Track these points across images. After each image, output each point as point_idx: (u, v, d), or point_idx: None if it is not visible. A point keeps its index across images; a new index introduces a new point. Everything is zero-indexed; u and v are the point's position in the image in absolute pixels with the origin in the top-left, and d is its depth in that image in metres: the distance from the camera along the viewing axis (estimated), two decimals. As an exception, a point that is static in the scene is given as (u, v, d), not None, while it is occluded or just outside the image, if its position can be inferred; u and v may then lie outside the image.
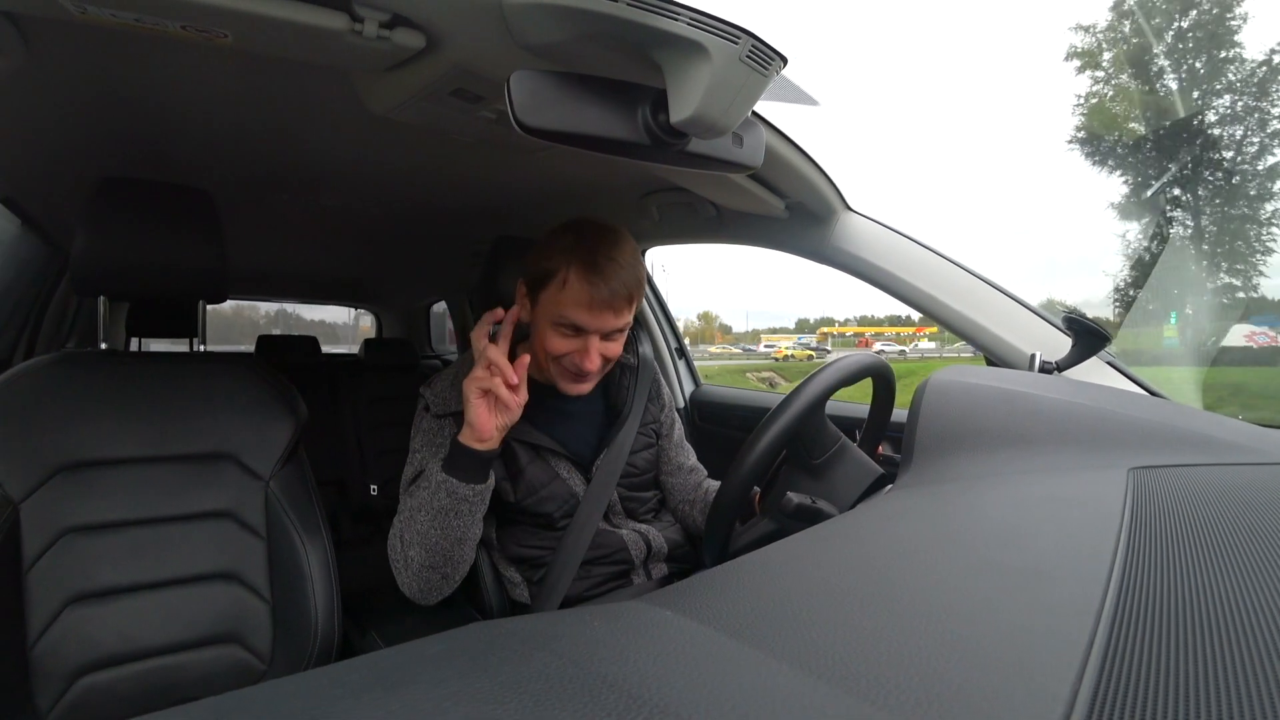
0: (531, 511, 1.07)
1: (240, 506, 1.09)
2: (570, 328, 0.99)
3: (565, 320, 0.98)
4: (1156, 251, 12.16)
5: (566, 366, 1.02)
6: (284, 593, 1.10)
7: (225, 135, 1.29)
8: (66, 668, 0.94)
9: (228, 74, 1.02)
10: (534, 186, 1.64)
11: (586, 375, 1.02)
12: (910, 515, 0.64)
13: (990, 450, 0.77)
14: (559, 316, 0.98)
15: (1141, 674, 0.30)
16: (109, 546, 0.99)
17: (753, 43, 0.62)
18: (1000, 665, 0.31)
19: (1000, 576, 0.43)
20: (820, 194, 1.23)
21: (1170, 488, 0.61)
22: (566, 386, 1.04)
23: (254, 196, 1.73)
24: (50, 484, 0.96)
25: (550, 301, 0.99)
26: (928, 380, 0.88)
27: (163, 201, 1.04)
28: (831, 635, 0.36)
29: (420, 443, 1.06)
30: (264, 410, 1.14)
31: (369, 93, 0.96)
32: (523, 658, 0.37)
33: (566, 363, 1.01)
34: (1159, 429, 0.76)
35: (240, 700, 0.33)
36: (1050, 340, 1.14)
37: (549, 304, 0.99)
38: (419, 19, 0.72)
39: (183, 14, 0.67)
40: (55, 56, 0.92)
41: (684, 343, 2.20)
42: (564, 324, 0.98)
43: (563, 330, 0.99)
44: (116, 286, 1.02)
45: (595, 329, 0.98)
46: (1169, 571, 0.41)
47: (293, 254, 2.63)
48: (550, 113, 0.63)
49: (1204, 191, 11.83)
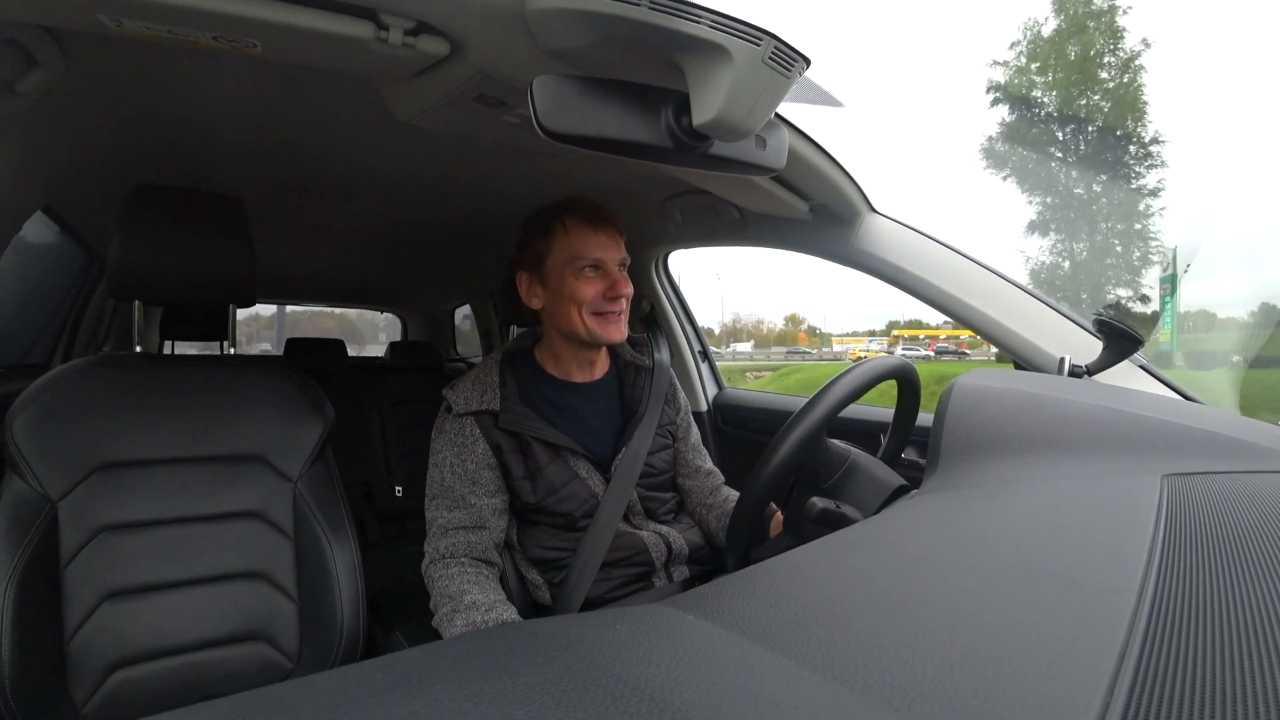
0: (551, 511, 1.07)
1: (269, 507, 1.11)
2: (590, 265, 1.05)
3: (582, 258, 1.05)
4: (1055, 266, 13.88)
5: (601, 309, 1.06)
6: (311, 592, 1.11)
7: (255, 143, 1.32)
8: (101, 662, 0.96)
9: (257, 83, 1.05)
10: (557, 190, 1.64)
11: (620, 306, 1.07)
12: (935, 521, 0.63)
13: (1018, 456, 0.76)
14: (575, 259, 1.05)
15: (1175, 688, 0.29)
16: (143, 544, 1.02)
17: (775, 44, 0.62)
18: (1028, 676, 0.30)
19: (1028, 585, 0.42)
20: (844, 196, 1.22)
21: (1206, 495, 0.59)
22: (609, 331, 1.08)
23: (282, 202, 1.76)
24: (87, 483, 0.99)
25: (561, 256, 1.06)
26: (953, 384, 0.86)
27: (195, 208, 1.07)
28: (855, 641, 0.36)
29: (443, 444, 1.08)
30: (292, 412, 1.16)
31: (394, 100, 0.98)
32: (545, 660, 0.37)
33: (600, 305, 1.06)
34: (1194, 435, 0.74)
35: (268, 697, 0.34)
36: (1080, 343, 1.11)
37: (560, 260, 1.06)
38: (443, 26, 0.73)
39: (214, 25, 0.69)
40: (93, 69, 0.94)
41: (706, 345, 2.20)
42: (583, 262, 1.05)
43: (584, 273, 1.05)
44: (151, 291, 1.05)
45: (610, 258, 1.06)
46: (1204, 582, 0.40)
47: (320, 258, 2.67)
48: (573, 117, 0.63)
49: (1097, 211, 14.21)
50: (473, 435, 1.06)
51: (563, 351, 1.13)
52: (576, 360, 1.14)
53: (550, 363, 1.15)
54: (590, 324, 1.07)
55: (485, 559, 1.04)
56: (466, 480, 1.05)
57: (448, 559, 1.03)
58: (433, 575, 1.03)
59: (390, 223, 2.09)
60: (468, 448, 1.05)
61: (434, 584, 1.02)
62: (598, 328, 1.07)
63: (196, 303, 1.11)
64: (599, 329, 1.07)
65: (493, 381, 1.10)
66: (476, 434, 1.06)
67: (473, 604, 0.96)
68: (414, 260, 2.70)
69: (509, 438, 1.06)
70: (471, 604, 0.96)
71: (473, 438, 1.06)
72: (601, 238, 1.06)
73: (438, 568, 1.03)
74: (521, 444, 1.07)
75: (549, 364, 1.15)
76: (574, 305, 1.05)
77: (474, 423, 1.06)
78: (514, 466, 1.06)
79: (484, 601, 0.97)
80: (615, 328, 1.08)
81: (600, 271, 1.06)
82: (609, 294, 1.05)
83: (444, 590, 0.99)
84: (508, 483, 1.07)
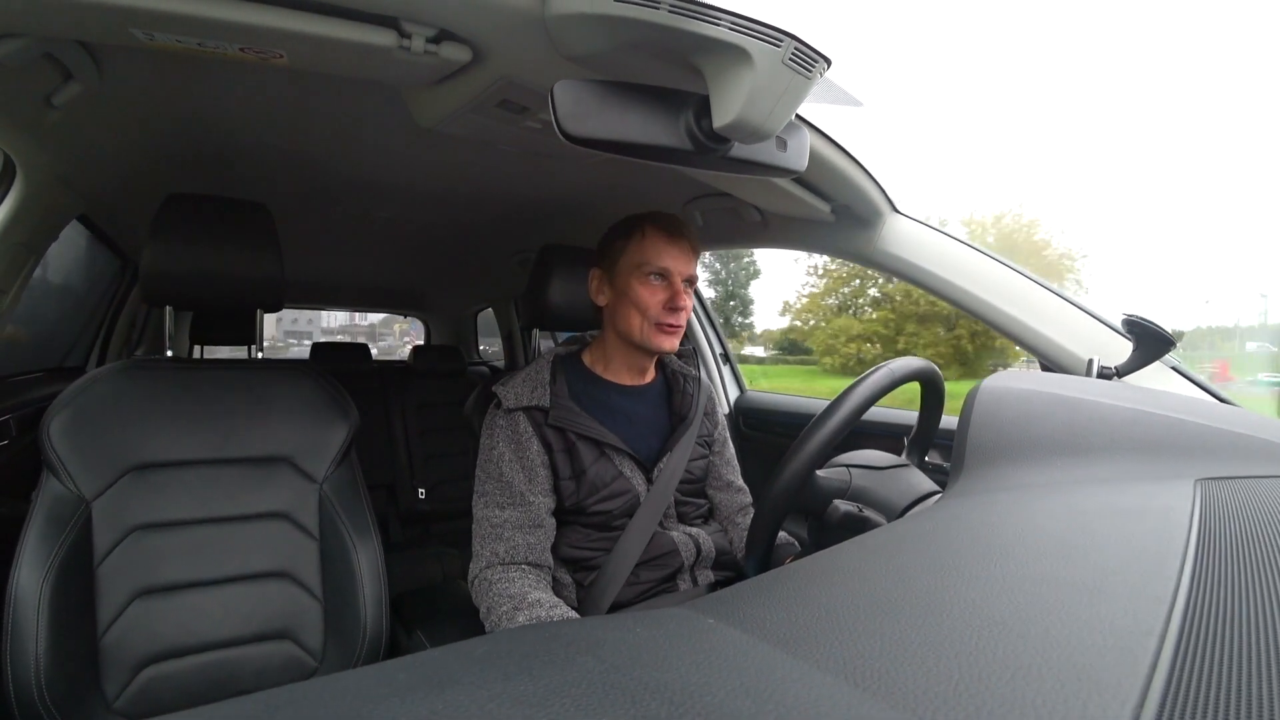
0: (590, 511, 1.08)
1: (295, 508, 1.13)
2: (657, 274, 1.08)
3: (651, 266, 1.07)
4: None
5: (660, 318, 1.08)
6: (335, 592, 1.13)
7: (282, 151, 1.35)
8: (133, 658, 0.98)
9: (284, 93, 1.07)
10: (579, 194, 1.65)
11: (679, 319, 1.09)
12: (961, 525, 0.62)
13: (1046, 459, 0.74)
14: (643, 265, 1.07)
15: (1209, 698, 0.28)
16: (173, 543, 1.04)
17: (795, 45, 0.62)
18: (1056, 686, 0.30)
19: (1057, 591, 0.41)
20: (866, 196, 1.21)
21: (1241, 500, 0.58)
22: (662, 342, 1.09)
23: (309, 209, 1.79)
24: (120, 484, 1.02)
25: (633, 259, 1.09)
26: (979, 386, 0.85)
27: (224, 215, 1.09)
28: (877, 647, 0.35)
29: (498, 438, 1.07)
30: (318, 415, 1.18)
31: (417, 106, 0.99)
32: (567, 661, 0.37)
33: (660, 313, 1.08)
34: (1229, 438, 0.72)
35: (292, 694, 0.34)
36: (1109, 344, 1.09)
37: (631, 263, 1.09)
38: (465, 33, 0.74)
39: (241, 36, 0.71)
40: (125, 81, 0.97)
41: (728, 348, 2.19)
42: (650, 270, 1.07)
43: (650, 281, 1.08)
44: (181, 296, 1.08)
45: (677, 271, 1.08)
46: (1240, 589, 0.39)
47: (345, 263, 2.71)
48: (594, 121, 0.64)
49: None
50: (527, 431, 1.06)
51: (615, 354, 1.15)
52: (628, 365, 1.16)
53: (600, 365, 1.16)
54: (647, 332, 1.09)
55: (543, 563, 1.04)
56: (525, 475, 1.04)
57: (508, 564, 1.01)
58: (490, 579, 1.00)
59: (414, 227, 2.11)
60: (524, 444, 1.05)
61: (491, 587, 0.99)
62: (653, 336, 1.09)
63: (225, 308, 1.13)
64: (653, 338, 1.09)
65: (544, 379, 1.10)
66: (530, 431, 1.06)
67: (536, 602, 0.95)
68: (437, 264, 2.73)
69: (558, 436, 1.07)
70: (536, 601, 0.95)
71: (527, 434, 1.06)
72: (675, 250, 1.08)
73: (496, 572, 1.00)
74: (568, 443, 1.07)
75: (599, 367, 1.16)
76: (635, 309, 1.08)
77: (526, 419, 1.06)
78: (561, 467, 1.06)
79: (548, 600, 0.97)
80: (670, 339, 1.10)
81: (665, 282, 1.09)
82: (670, 305, 1.08)
83: (504, 591, 0.97)
84: (554, 483, 1.08)
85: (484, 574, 1.01)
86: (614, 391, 1.15)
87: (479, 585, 1.02)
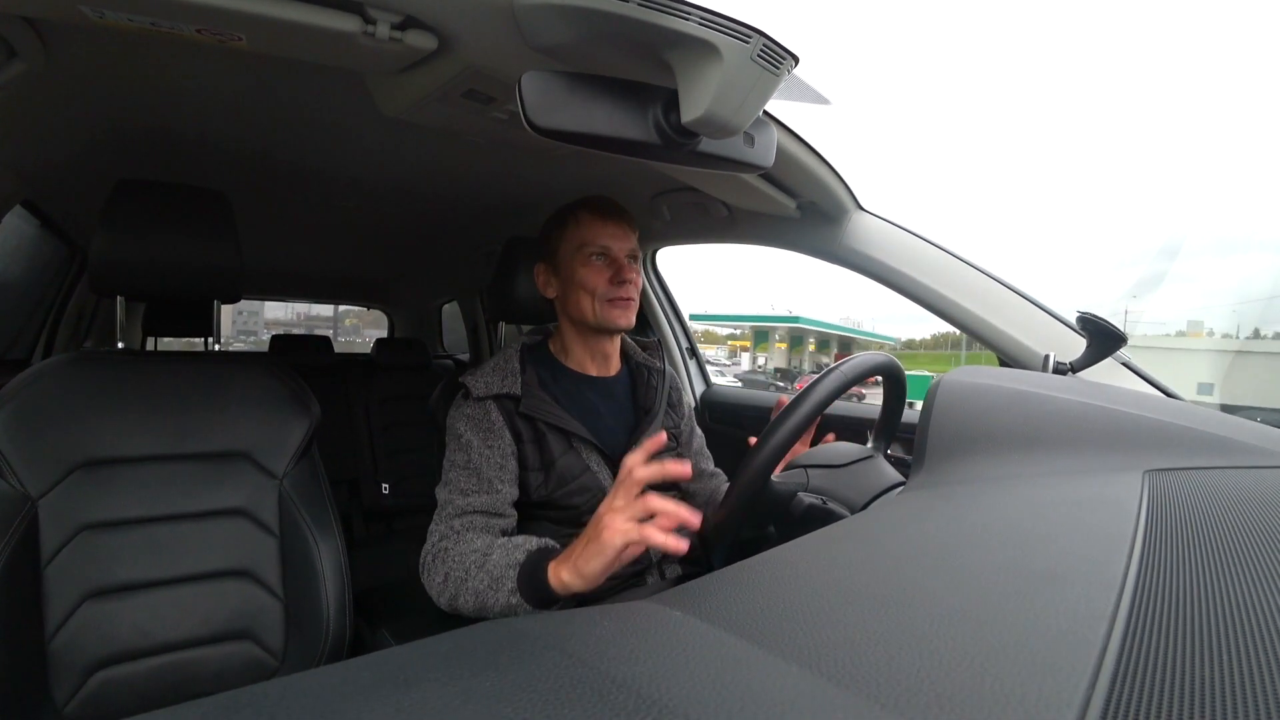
0: (559, 505, 1.07)
1: (254, 504, 1.10)
2: (598, 253, 1.09)
3: (591, 246, 1.09)
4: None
5: (609, 294, 1.09)
6: (296, 590, 1.10)
7: (240, 137, 1.31)
8: (83, 661, 0.95)
9: (242, 77, 1.03)
10: (545, 187, 1.64)
11: (628, 290, 1.10)
12: (922, 517, 0.64)
13: (1003, 452, 0.76)
14: (584, 246, 1.09)
15: (1156, 679, 0.29)
16: (126, 543, 1.00)
17: (764, 42, 0.62)
18: (1013, 669, 0.31)
19: (1013, 579, 0.42)
20: (832, 193, 1.22)
21: (1187, 491, 0.60)
22: (616, 317, 1.10)
23: (268, 197, 1.74)
24: (68, 481, 0.98)
25: (572, 244, 1.10)
26: (939, 380, 0.87)
27: (179, 203, 1.06)
28: (842, 637, 0.36)
29: (465, 426, 1.05)
30: (278, 409, 1.15)
31: (382, 95, 0.97)
32: (533, 657, 0.37)
33: (607, 289, 1.09)
34: (1175, 431, 0.75)
35: (253, 696, 0.33)
36: (1064, 341, 1.13)
37: (571, 248, 1.10)
38: (431, 21, 0.72)
39: (197, 17, 0.68)
40: (74, 60, 0.93)
41: (694, 343, 2.20)
42: (591, 250, 1.09)
43: (592, 261, 1.09)
44: (133, 286, 1.04)
45: (618, 248, 1.10)
46: (1185, 575, 0.41)
47: (306, 254, 2.65)
48: (561, 113, 0.63)
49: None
50: (498, 420, 1.04)
51: (574, 343, 1.15)
52: (589, 352, 1.15)
53: (563, 355, 1.16)
54: (600, 310, 1.09)
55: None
56: (494, 464, 1.03)
57: (465, 532, 0.97)
58: (446, 547, 0.95)
59: (378, 218, 2.08)
60: (495, 432, 1.04)
61: (447, 554, 0.94)
62: (605, 314, 1.09)
63: (180, 298, 1.09)
64: (606, 315, 1.09)
65: (514, 368, 1.09)
66: (501, 420, 1.05)
67: (505, 543, 0.92)
68: (401, 257, 2.68)
69: (528, 426, 1.06)
70: (504, 544, 0.91)
71: (499, 423, 1.04)
72: (610, 228, 1.10)
73: (452, 540, 0.96)
74: (538, 433, 1.06)
75: (562, 356, 1.16)
76: (583, 292, 1.08)
77: (496, 408, 1.05)
78: (530, 458, 1.05)
79: (518, 539, 0.92)
80: (623, 314, 1.10)
81: (607, 260, 1.10)
82: (615, 279, 1.09)
83: (467, 547, 0.93)
84: (521, 475, 1.06)
85: (439, 545, 0.97)
86: (580, 382, 1.14)
87: (434, 556, 0.96)
